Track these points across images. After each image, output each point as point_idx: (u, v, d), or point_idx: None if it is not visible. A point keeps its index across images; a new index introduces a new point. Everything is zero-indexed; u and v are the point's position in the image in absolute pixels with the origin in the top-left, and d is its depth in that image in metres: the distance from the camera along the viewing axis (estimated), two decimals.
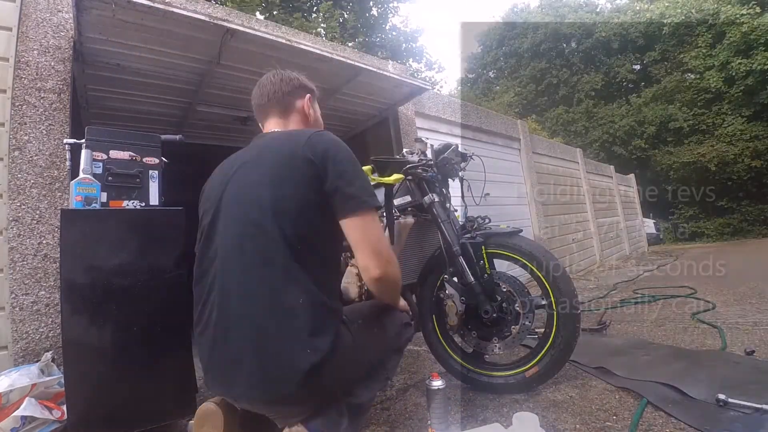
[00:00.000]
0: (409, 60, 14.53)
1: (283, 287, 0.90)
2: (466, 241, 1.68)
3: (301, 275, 0.91)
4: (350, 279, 1.98)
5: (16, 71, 1.87)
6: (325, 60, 2.43)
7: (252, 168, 1.03)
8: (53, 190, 1.88)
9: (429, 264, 1.84)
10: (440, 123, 4.31)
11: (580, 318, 1.59)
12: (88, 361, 1.31)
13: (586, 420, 1.37)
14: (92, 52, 2.09)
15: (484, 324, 1.65)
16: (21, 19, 1.92)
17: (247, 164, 1.05)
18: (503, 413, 1.46)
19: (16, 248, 1.76)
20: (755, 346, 1.96)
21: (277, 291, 0.90)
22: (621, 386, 1.63)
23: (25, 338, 1.72)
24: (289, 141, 1.03)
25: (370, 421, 1.51)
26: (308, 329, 0.89)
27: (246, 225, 0.96)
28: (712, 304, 3.07)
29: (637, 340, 2.30)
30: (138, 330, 1.38)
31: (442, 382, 1.31)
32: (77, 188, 1.40)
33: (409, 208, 1.80)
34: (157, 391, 1.40)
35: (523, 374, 1.61)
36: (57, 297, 1.78)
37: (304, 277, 0.91)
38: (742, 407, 1.31)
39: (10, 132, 1.82)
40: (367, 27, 13.37)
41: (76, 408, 1.28)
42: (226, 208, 1.01)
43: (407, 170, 1.75)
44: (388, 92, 3.19)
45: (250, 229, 0.95)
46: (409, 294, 1.89)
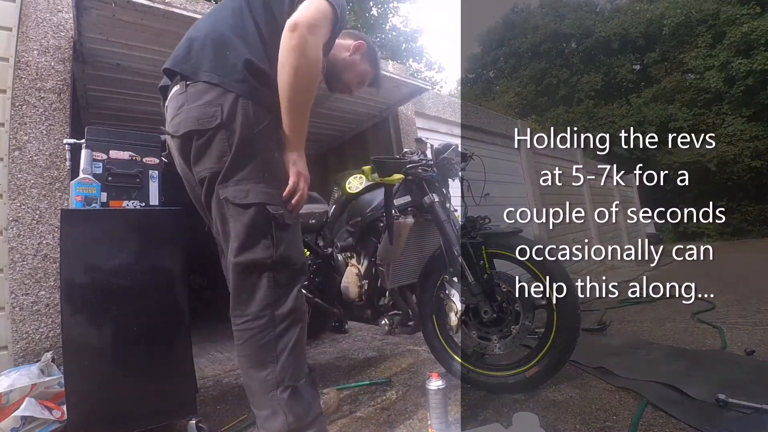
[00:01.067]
0: (409, 60, 14.54)
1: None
2: (466, 241, 1.68)
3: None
4: (350, 279, 1.98)
5: (16, 71, 1.87)
6: None
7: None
8: (53, 190, 1.87)
9: (429, 264, 1.84)
10: (440, 123, 4.31)
11: (580, 318, 1.59)
12: (88, 361, 1.31)
13: (586, 420, 1.37)
14: (92, 52, 2.09)
15: (484, 324, 1.65)
16: (21, 19, 1.92)
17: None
18: (503, 413, 1.46)
19: (16, 248, 1.76)
20: (755, 346, 1.96)
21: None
22: (621, 386, 1.63)
23: (25, 338, 1.72)
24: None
25: (370, 421, 1.51)
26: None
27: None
28: (712, 304, 3.07)
29: (637, 340, 2.30)
30: (138, 330, 1.38)
31: (442, 382, 1.31)
32: (77, 188, 1.40)
33: (409, 208, 1.80)
34: (157, 391, 1.40)
35: (523, 374, 1.61)
36: (57, 297, 1.78)
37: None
38: (742, 407, 1.31)
39: (10, 132, 1.82)
40: (367, 27, 13.36)
41: (76, 408, 1.28)
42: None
43: (407, 170, 1.74)
44: (388, 92, 3.19)
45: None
46: (409, 294, 1.89)
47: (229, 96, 1.06)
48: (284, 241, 1.10)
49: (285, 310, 1.09)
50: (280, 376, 1.06)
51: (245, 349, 1.08)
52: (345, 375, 2.06)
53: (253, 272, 1.07)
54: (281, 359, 1.06)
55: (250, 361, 1.07)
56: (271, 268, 1.08)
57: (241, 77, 1.07)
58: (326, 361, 2.33)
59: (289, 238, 1.12)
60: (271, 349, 1.06)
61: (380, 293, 1.92)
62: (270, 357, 1.06)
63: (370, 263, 1.89)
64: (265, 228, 1.07)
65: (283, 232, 1.10)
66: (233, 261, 1.06)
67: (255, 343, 1.06)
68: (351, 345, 2.65)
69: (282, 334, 1.08)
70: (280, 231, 1.09)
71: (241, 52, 1.09)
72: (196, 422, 1.43)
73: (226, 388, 2.01)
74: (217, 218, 1.11)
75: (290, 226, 1.12)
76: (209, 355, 2.65)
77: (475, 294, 1.62)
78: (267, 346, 1.06)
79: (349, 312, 2.12)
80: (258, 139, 1.08)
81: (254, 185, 1.06)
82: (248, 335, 1.07)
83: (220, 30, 1.12)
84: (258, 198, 1.05)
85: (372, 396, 1.75)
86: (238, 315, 1.08)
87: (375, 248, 1.84)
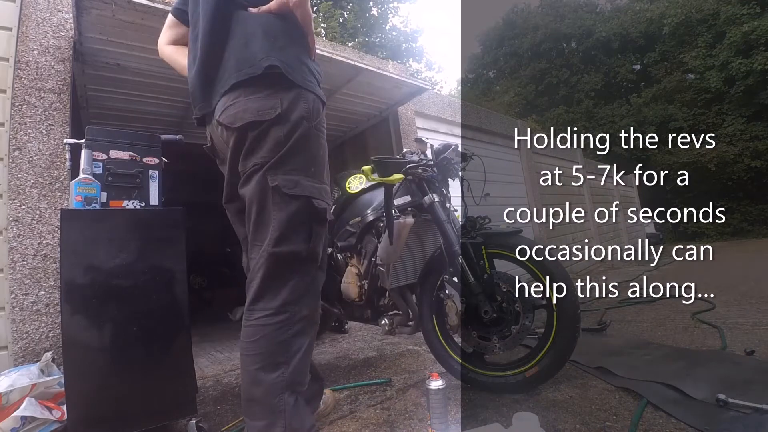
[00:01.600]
0: (409, 60, 14.55)
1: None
2: (466, 241, 1.68)
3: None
4: (350, 279, 1.98)
5: (16, 71, 1.87)
6: (325, 60, 2.42)
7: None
8: (53, 190, 1.88)
9: (429, 264, 1.84)
10: (440, 123, 4.31)
11: (580, 318, 1.59)
12: (88, 361, 1.31)
13: (586, 420, 1.37)
14: (92, 52, 2.10)
15: (484, 324, 1.64)
16: (21, 19, 1.92)
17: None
18: (503, 413, 1.46)
19: (16, 248, 1.76)
20: (755, 346, 1.96)
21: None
22: (621, 386, 1.63)
23: (25, 338, 1.72)
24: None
25: (370, 421, 1.51)
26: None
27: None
28: (712, 304, 3.07)
29: (637, 340, 2.30)
30: (138, 330, 1.38)
31: (442, 382, 1.31)
32: (77, 188, 1.40)
33: (409, 208, 1.80)
34: (157, 391, 1.40)
35: (523, 374, 1.61)
36: (57, 297, 1.78)
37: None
38: (742, 407, 1.31)
39: (10, 132, 1.82)
40: (367, 27, 13.37)
41: (76, 408, 1.28)
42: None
43: (407, 170, 1.74)
44: (388, 92, 3.19)
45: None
46: (408, 294, 1.89)
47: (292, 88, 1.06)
48: (320, 237, 1.11)
49: (305, 310, 1.08)
50: (290, 379, 1.02)
51: (258, 347, 1.04)
52: (345, 375, 2.06)
53: (287, 265, 1.06)
54: (294, 361, 1.04)
55: (263, 360, 1.03)
56: (303, 263, 1.08)
57: (297, 67, 1.08)
58: (326, 361, 2.33)
59: (324, 234, 1.14)
60: (286, 349, 1.04)
61: (380, 293, 1.92)
62: (284, 357, 1.03)
63: (370, 263, 1.89)
64: (308, 221, 1.08)
65: (321, 227, 1.11)
66: (270, 251, 1.05)
67: (272, 340, 1.03)
68: (351, 345, 2.65)
69: (298, 335, 1.06)
70: (319, 226, 1.10)
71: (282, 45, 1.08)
72: (196, 422, 1.43)
73: (226, 388, 2.01)
74: (254, 206, 1.08)
75: (327, 221, 1.14)
76: (209, 355, 2.66)
77: (475, 294, 1.62)
78: (283, 345, 1.04)
79: (349, 312, 2.12)
80: (312, 133, 1.09)
81: (302, 178, 1.06)
82: (266, 331, 1.04)
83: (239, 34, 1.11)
84: (306, 191, 1.06)
85: (372, 396, 1.75)
86: (260, 308, 1.06)
87: (375, 248, 1.84)
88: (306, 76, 1.10)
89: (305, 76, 1.10)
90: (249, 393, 1.05)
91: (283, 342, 1.04)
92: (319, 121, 1.13)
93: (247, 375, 1.06)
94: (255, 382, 1.03)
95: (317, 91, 1.13)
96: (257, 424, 1.02)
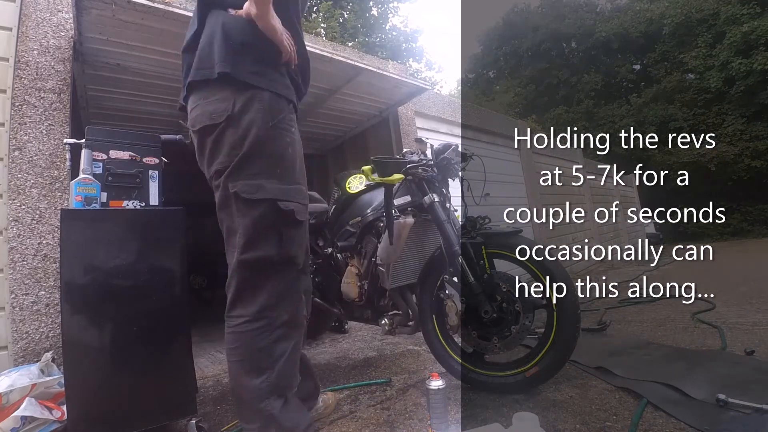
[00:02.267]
0: (409, 60, 14.54)
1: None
2: (466, 241, 1.68)
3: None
4: (350, 279, 1.98)
5: (16, 71, 1.87)
6: (325, 60, 2.42)
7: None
8: (53, 190, 1.88)
9: (429, 264, 1.84)
10: (440, 123, 4.31)
11: (580, 318, 1.59)
12: (88, 361, 1.31)
13: (586, 420, 1.37)
14: (92, 52, 2.09)
15: (484, 324, 1.64)
16: (21, 19, 1.92)
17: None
18: (503, 413, 1.46)
19: (16, 248, 1.76)
20: (755, 346, 1.96)
21: None
22: (621, 386, 1.63)
23: (25, 338, 1.72)
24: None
25: (370, 421, 1.51)
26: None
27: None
28: (712, 304, 3.07)
29: (637, 340, 2.30)
30: (138, 330, 1.38)
31: (442, 382, 1.31)
32: (77, 188, 1.40)
33: (409, 208, 1.80)
34: (157, 391, 1.40)
35: (523, 374, 1.61)
36: (57, 297, 1.78)
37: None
38: (742, 407, 1.31)
39: (10, 132, 1.82)
40: (367, 27, 13.37)
41: (76, 408, 1.28)
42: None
43: (407, 170, 1.74)
44: (388, 92, 3.19)
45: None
46: (409, 294, 1.89)
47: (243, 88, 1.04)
48: (293, 240, 1.07)
49: (285, 314, 1.06)
50: (275, 383, 1.01)
51: (239, 354, 1.04)
52: (345, 375, 2.06)
53: (258, 271, 1.04)
54: (278, 366, 1.02)
55: (245, 367, 1.03)
56: (277, 268, 1.05)
57: (254, 68, 1.05)
58: (326, 361, 2.33)
59: (299, 236, 1.10)
60: (268, 354, 1.02)
61: (380, 293, 1.92)
62: (266, 363, 1.02)
63: (370, 263, 1.89)
64: (275, 224, 1.04)
65: (292, 229, 1.07)
66: (239, 258, 1.03)
67: (251, 346, 1.02)
68: (351, 345, 2.65)
69: (280, 340, 1.04)
70: (290, 228, 1.06)
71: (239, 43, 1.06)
72: (196, 422, 1.42)
73: (226, 388, 2.01)
74: (222, 213, 1.08)
75: (301, 223, 1.09)
76: (209, 355, 2.65)
77: (475, 294, 1.62)
78: (264, 351, 1.02)
79: (349, 312, 2.12)
80: (272, 134, 1.05)
81: (266, 181, 1.03)
82: (245, 338, 1.02)
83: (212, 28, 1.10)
84: (269, 194, 1.03)
85: (372, 396, 1.75)
86: (236, 315, 1.05)
87: (375, 248, 1.84)
88: (266, 76, 1.07)
89: (264, 76, 1.06)
90: (238, 396, 1.06)
91: (264, 348, 1.02)
92: (282, 119, 1.08)
93: (233, 380, 1.07)
94: (241, 387, 1.04)
95: (279, 89, 1.09)
96: (251, 426, 1.02)
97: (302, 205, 1.09)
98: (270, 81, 1.07)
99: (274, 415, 1.00)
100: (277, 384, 1.02)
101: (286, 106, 1.11)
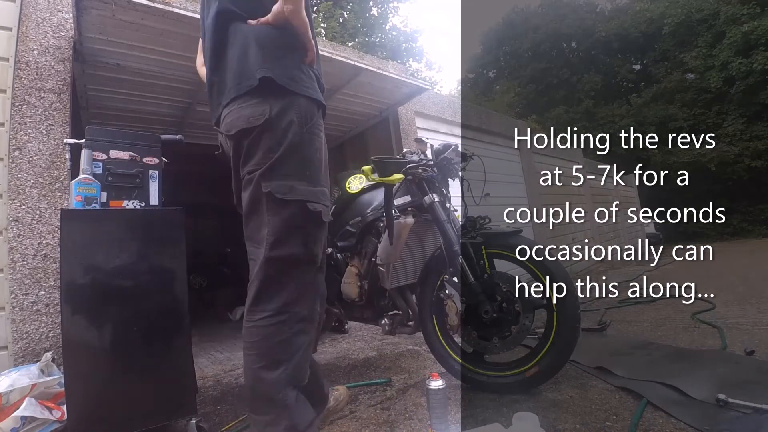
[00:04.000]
0: (409, 60, 14.52)
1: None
2: (466, 241, 1.68)
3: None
4: (350, 279, 1.98)
5: (16, 71, 1.87)
6: (325, 60, 2.42)
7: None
8: (53, 190, 1.88)
9: (429, 264, 1.84)
10: (440, 123, 4.31)
11: (580, 318, 1.59)
12: (88, 361, 1.31)
13: (586, 420, 1.37)
14: (92, 52, 2.09)
15: (484, 324, 1.64)
16: (21, 19, 1.92)
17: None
18: (503, 413, 1.46)
19: (16, 248, 1.76)
20: (755, 346, 1.96)
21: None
22: (621, 386, 1.63)
23: (25, 338, 1.72)
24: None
25: (370, 421, 1.51)
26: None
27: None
28: (712, 304, 3.07)
29: (637, 340, 2.30)
30: (138, 330, 1.38)
31: (442, 382, 1.31)
32: (77, 188, 1.40)
33: (409, 208, 1.80)
34: (157, 391, 1.40)
35: (523, 374, 1.61)
36: (57, 297, 1.78)
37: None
38: (742, 407, 1.31)
39: (10, 132, 1.82)
40: (367, 27, 13.36)
41: (76, 408, 1.28)
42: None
43: (407, 170, 1.74)
44: (388, 92, 3.19)
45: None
46: (409, 294, 1.89)
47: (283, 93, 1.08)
48: (317, 240, 1.13)
49: (305, 310, 1.10)
50: (293, 374, 1.06)
51: (259, 347, 1.07)
52: (345, 375, 2.06)
53: (285, 268, 1.08)
54: (295, 358, 1.07)
55: (264, 359, 1.06)
56: (301, 266, 1.10)
57: (290, 74, 1.09)
58: (326, 361, 2.33)
59: (322, 236, 1.16)
60: (287, 348, 1.06)
61: (380, 293, 1.92)
62: (285, 355, 1.06)
63: (370, 263, 1.89)
64: (303, 225, 1.09)
65: (318, 230, 1.13)
66: (267, 255, 1.07)
67: (273, 340, 1.06)
68: (351, 345, 2.65)
69: (299, 333, 1.08)
70: (316, 229, 1.12)
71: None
72: (196, 422, 1.43)
73: (226, 388, 2.01)
74: (249, 210, 1.12)
75: (325, 224, 1.15)
76: (209, 355, 2.66)
77: (475, 294, 1.62)
78: (284, 344, 1.06)
79: (349, 312, 2.12)
80: (305, 138, 1.10)
81: (297, 182, 1.08)
82: (267, 331, 1.06)
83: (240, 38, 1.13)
84: (300, 195, 1.07)
85: (372, 396, 1.75)
86: (260, 310, 1.08)
87: (375, 248, 1.84)
88: (301, 81, 1.12)
89: (300, 82, 1.11)
90: (253, 390, 1.08)
91: (284, 341, 1.06)
92: (314, 124, 1.14)
93: (250, 373, 1.09)
94: (258, 380, 1.06)
95: (312, 94, 1.14)
96: (263, 418, 1.05)
97: (327, 207, 1.15)
98: (305, 87, 1.12)
99: (289, 405, 1.04)
100: (294, 376, 1.06)
101: (317, 111, 1.16)
